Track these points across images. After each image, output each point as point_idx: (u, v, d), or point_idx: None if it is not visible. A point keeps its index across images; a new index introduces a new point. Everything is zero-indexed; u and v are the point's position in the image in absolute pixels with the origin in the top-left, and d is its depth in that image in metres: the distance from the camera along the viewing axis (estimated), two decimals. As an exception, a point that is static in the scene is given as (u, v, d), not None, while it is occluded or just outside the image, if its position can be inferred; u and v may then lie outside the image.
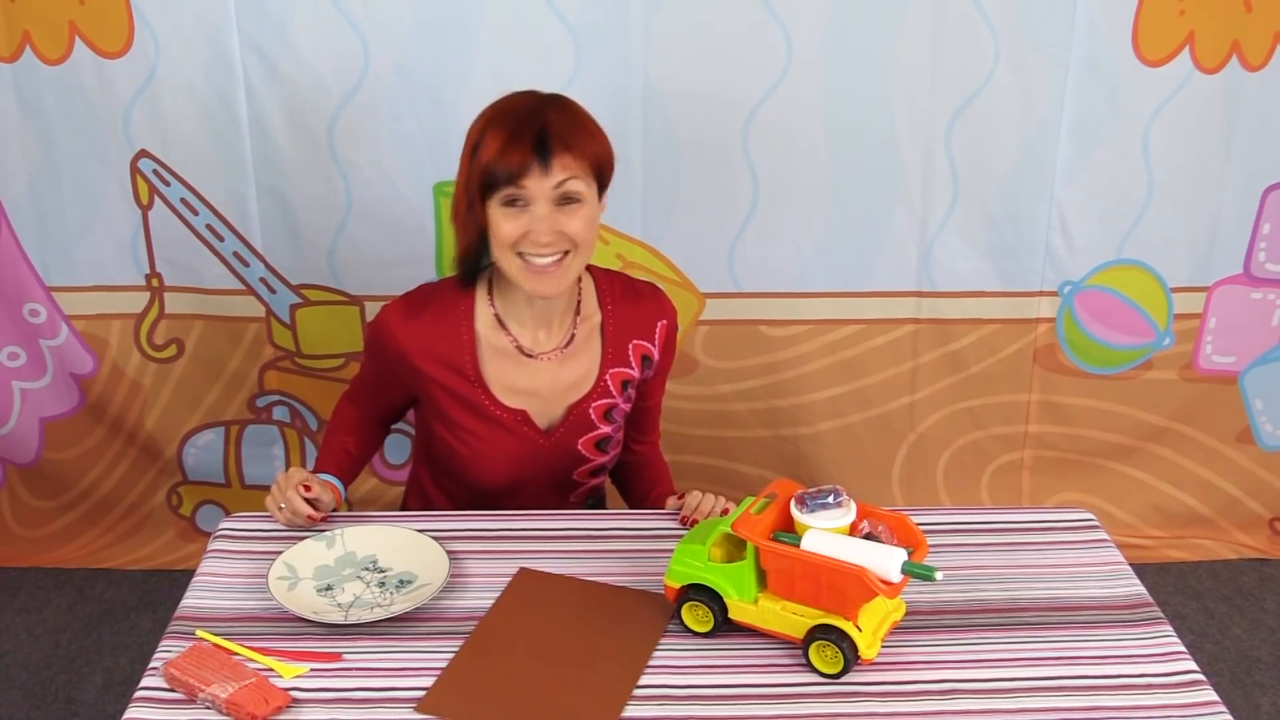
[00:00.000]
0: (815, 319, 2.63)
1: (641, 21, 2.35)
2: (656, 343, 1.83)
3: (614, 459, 1.90)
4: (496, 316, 1.75)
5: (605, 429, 1.83)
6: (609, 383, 1.80)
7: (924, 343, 2.67)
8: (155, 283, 2.57)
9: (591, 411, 1.80)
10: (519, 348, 1.76)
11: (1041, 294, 2.64)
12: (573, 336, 1.77)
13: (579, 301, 1.78)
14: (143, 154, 2.44)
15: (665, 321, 1.83)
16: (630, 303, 1.81)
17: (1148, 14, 2.40)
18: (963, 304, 2.63)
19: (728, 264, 2.56)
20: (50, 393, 2.67)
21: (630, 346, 1.81)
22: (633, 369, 1.81)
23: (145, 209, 2.49)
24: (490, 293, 1.76)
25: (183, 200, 2.48)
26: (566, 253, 1.64)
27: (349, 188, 2.46)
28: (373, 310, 2.57)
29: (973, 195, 2.53)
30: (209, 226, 2.50)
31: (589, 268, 1.81)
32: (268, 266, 2.54)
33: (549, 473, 1.83)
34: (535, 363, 1.76)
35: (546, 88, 2.33)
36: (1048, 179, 2.53)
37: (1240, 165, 2.56)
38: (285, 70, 2.36)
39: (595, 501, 1.99)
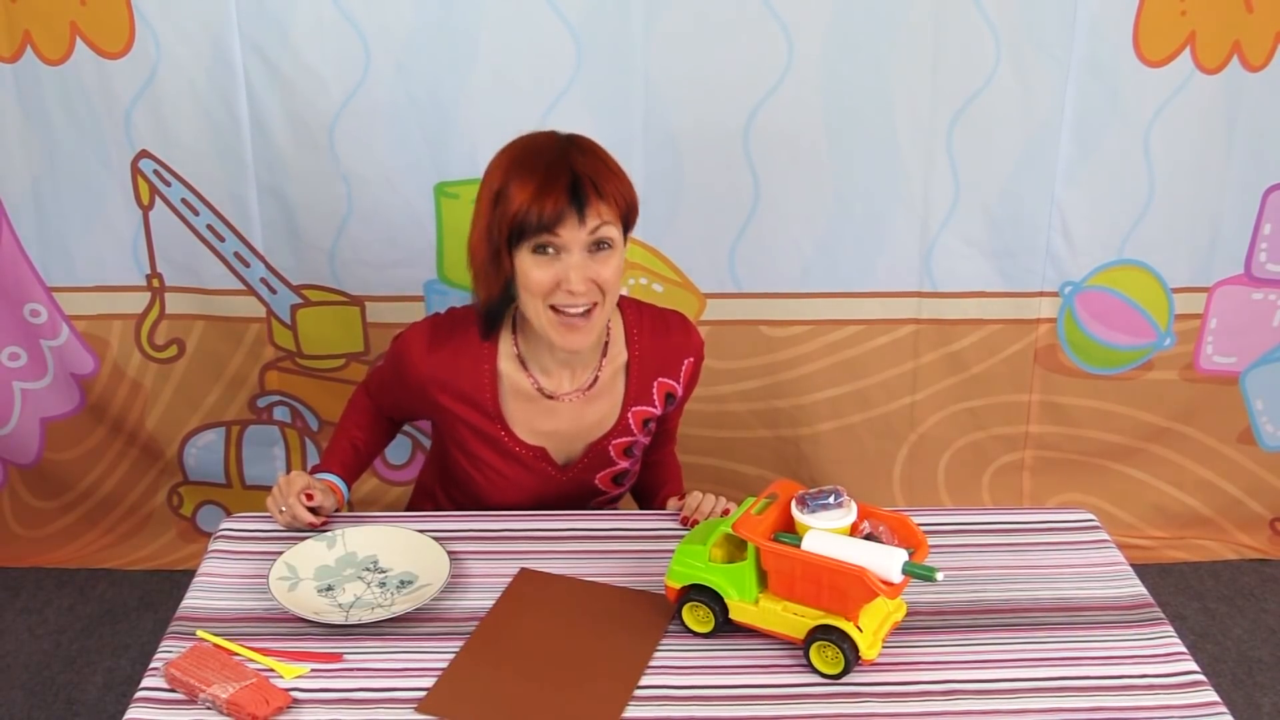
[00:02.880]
0: (816, 319, 2.63)
1: (642, 21, 2.35)
2: (681, 380, 1.81)
3: (628, 488, 1.90)
4: (519, 357, 1.73)
5: (624, 464, 1.83)
6: (630, 421, 1.79)
7: (925, 343, 2.67)
8: (156, 283, 2.57)
9: (611, 449, 1.80)
10: (540, 389, 1.74)
11: (1042, 294, 2.64)
12: (596, 378, 1.75)
13: (606, 343, 1.75)
14: (143, 154, 2.44)
15: (691, 360, 1.81)
16: (659, 337, 1.78)
17: (1148, 14, 2.40)
18: (963, 304, 2.63)
19: (728, 264, 2.56)
20: (51, 393, 2.67)
21: (655, 385, 1.79)
22: (655, 407, 1.80)
23: (146, 209, 2.50)
24: (515, 331, 1.73)
25: (183, 200, 2.48)
26: (595, 304, 1.61)
27: (350, 188, 2.46)
28: (373, 310, 2.57)
29: (973, 195, 2.53)
30: (210, 227, 2.50)
31: (619, 303, 1.78)
32: (268, 267, 2.54)
33: (564, 503, 1.83)
34: (557, 404, 1.75)
35: (547, 88, 2.37)
36: (1048, 179, 2.53)
37: (1241, 165, 2.56)
38: (286, 71, 2.36)
39: None
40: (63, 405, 2.68)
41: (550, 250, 1.58)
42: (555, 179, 1.55)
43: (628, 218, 1.63)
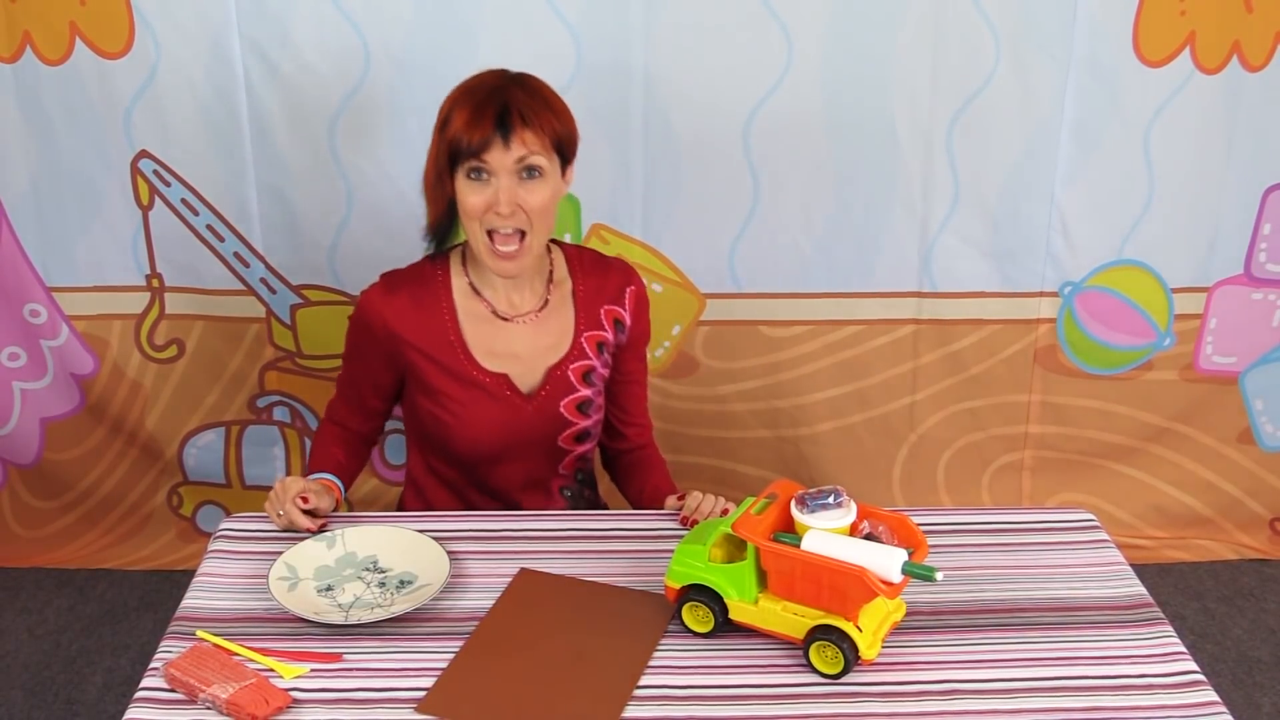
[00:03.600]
0: (816, 319, 2.63)
1: (642, 22, 2.35)
2: (627, 307, 1.89)
3: (597, 425, 1.92)
4: (471, 285, 1.82)
5: (586, 391, 1.86)
6: (585, 345, 1.85)
7: (924, 343, 2.67)
8: (156, 283, 2.57)
9: (570, 373, 1.84)
10: (495, 312, 1.82)
11: (1042, 294, 2.64)
12: (546, 301, 1.84)
13: (550, 270, 1.85)
14: (143, 154, 2.44)
15: (634, 288, 1.90)
16: (599, 274, 1.88)
17: (1148, 14, 2.40)
18: (963, 305, 2.63)
19: (728, 264, 2.56)
20: (51, 393, 2.67)
21: (602, 311, 1.87)
22: (606, 331, 1.87)
23: (146, 209, 2.50)
24: (464, 264, 1.83)
25: (183, 200, 2.48)
26: (524, 234, 1.71)
27: (349, 188, 2.46)
28: (373, 310, 2.57)
29: (973, 196, 2.53)
30: (209, 227, 2.51)
31: (559, 244, 1.89)
32: (268, 267, 2.54)
33: (534, 438, 1.86)
34: (512, 326, 1.82)
35: (551, 89, 2.36)
36: (1048, 179, 2.53)
37: (1241, 166, 2.56)
38: (286, 70, 2.36)
39: (585, 478, 1.99)
40: (63, 405, 2.68)
41: (483, 175, 1.69)
42: (486, 107, 1.67)
43: (562, 149, 1.73)
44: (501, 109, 1.66)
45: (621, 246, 2.52)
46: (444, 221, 1.79)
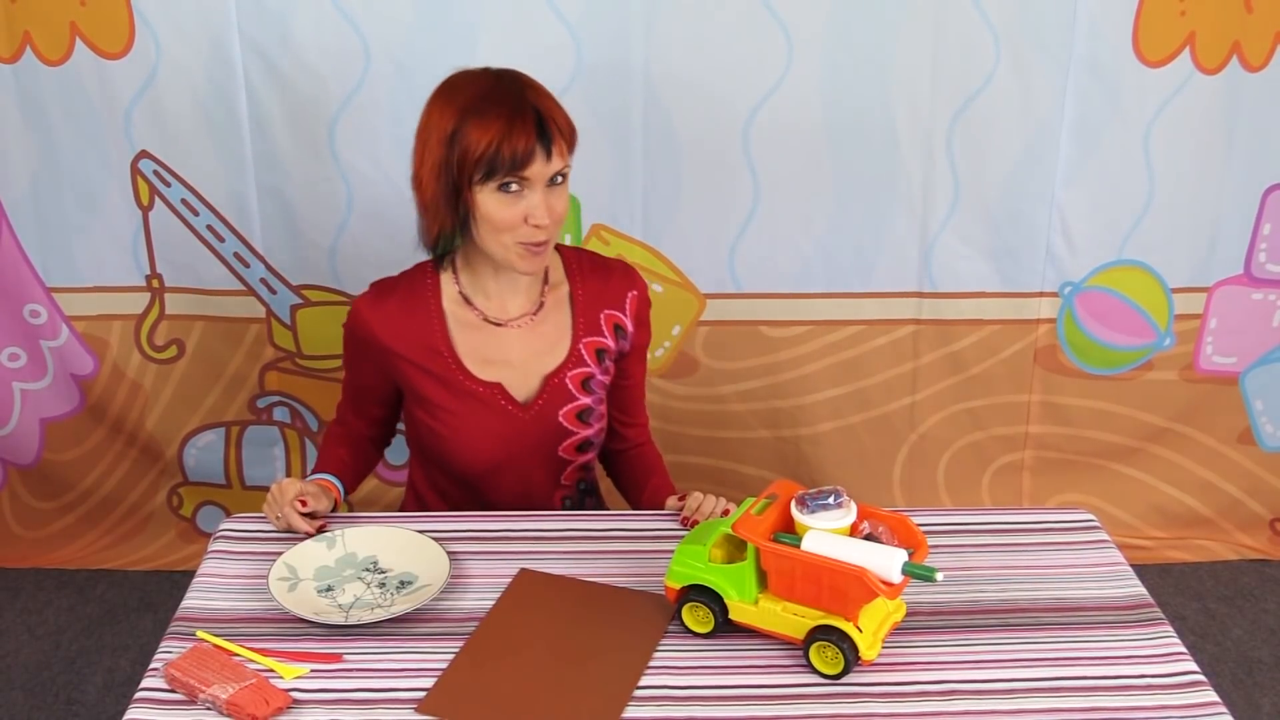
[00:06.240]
0: (816, 319, 2.63)
1: (642, 22, 2.36)
2: (628, 313, 1.85)
3: (600, 434, 1.89)
4: (461, 293, 1.78)
5: (585, 399, 1.83)
6: (583, 352, 1.82)
7: (925, 343, 2.67)
8: (156, 283, 2.57)
9: (568, 381, 1.81)
10: (486, 318, 1.78)
11: (1042, 295, 2.64)
12: (541, 304, 1.80)
13: (546, 271, 1.81)
14: (143, 155, 2.44)
15: (636, 293, 1.86)
16: (599, 277, 1.84)
17: (1148, 14, 2.40)
18: (963, 305, 2.63)
19: (728, 264, 2.56)
20: (51, 393, 2.67)
21: (602, 316, 1.83)
22: (606, 338, 1.84)
23: (146, 210, 2.50)
24: (455, 271, 1.79)
25: (183, 201, 2.48)
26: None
27: (349, 188, 2.46)
28: (373, 311, 2.57)
29: (973, 196, 2.53)
30: (209, 227, 2.51)
31: (556, 246, 1.84)
32: (268, 267, 2.54)
33: (533, 449, 1.83)
34: (505, 331, 1.78)
35: (547, 88, 2.37)
36: (1048, 179, 2.53)
37: (1241, 166, 2.56)
38: (286, 70, 2.36)
39: (588, 487, 1.98)
40: (62, 406, 2.68)
41: (515, 187, 1.62)
42: (522, 119, 1.60)
43: (572, 148, 1.69)
44: (539, 120, 1.61)
45: (621, 247, 2.53)
46: (448, 235, 1.72)
